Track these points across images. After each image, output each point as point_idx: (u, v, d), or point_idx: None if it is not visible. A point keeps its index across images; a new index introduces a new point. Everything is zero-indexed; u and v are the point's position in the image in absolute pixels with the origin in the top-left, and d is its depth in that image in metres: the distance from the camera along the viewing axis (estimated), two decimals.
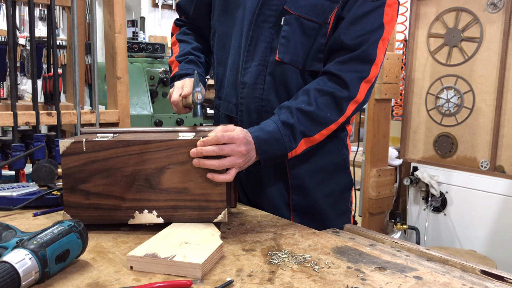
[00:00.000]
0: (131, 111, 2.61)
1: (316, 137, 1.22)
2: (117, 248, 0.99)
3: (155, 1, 6.27)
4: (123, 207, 1.08)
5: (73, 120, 2.07)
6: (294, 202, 1.33)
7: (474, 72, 2.86)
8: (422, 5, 3.09)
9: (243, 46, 1.29)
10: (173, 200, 1.08)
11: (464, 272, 0.98)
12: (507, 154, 2.73)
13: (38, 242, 0.81)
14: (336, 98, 1.20)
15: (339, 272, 0.90)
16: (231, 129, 1.11)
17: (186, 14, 1.53)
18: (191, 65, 1.39)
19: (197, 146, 1.05)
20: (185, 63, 1.40)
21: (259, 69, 1.27)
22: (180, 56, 1.43)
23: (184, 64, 1.39)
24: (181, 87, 1.28)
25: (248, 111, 1.30)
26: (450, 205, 2.97)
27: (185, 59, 1.41)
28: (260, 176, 1.33)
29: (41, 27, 5.62)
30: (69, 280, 0.84)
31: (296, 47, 1.24)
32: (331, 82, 1.21)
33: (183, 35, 1.51)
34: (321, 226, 1.26)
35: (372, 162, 3.03)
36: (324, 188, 1.34)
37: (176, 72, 1.39)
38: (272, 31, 1.25)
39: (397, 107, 3.56)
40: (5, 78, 2.26)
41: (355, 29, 1.20)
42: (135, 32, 4.31)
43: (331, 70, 1.21)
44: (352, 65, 1.20)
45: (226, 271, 0.89)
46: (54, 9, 2.19)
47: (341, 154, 1.37)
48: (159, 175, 1.07)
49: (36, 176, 1.43)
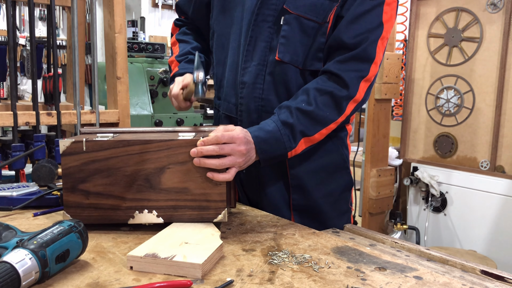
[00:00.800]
0: (131, 111, 2.61)
1: (316, 137, 1.22)
2: (117, 248, 0.99)
3: (155, 1, 6.27)
4: (123, 207, 1.08)
5: (73, 120, 2.07)
6: (295, 201, 1.33)
7: (474, 72, 2.86)
8: (422, 5, 3.09)
9: (242, 45, 1.29)
10: (173, 200, 1.07)
11: (464, 272, 0.98)
12: (507, 154, 2.73)
13: (38, 242, 0.81)
14: (336, 98, 1.20)
15: (339, 272, 0.90)
16: (231, 128, 1.11)
17: (185, 14, 1.53)
18: (191, 64, 1.39)
19: (197, 145, 1.06)
20: (185, 63, 1.40)
21: (258, 68, 1.27)
22: (180, 55, 1.43)
23: (184, 64, 1.40)
24: (181, 81, 1.29)
25: (248, 111, 1.30)
26: (450, 205, 2.97)
27: (185, 59, 1.41)
28: (261, 176, 1.33)
29: (41, 27, 5.63)
30: (69, 280, 0.84)
31: (295, 47, 1.24)
32: (330, 82, 1.21)
33: (183, 35, 1.51)
34: (321, 226, 1.26)
35: (372, 162, 3.03)
36: (324, 187, 1.34)
37: (176, 71, 1.39)
38: (271, 31, 1.25)
39: (397, 107, 3.56)
40: (5, 78, 2.26)
41: (354, 28, 1.20)
42: (135, 32, 4.30)
43: (330, 69, 1.21)
44: (351, 64, 1.20)
45: (226, 271, 0.89)
46: (54, 9, 2.19)
47: (341, 153, 1.37)
48: (159, 175, 1.07)
49: (36, 176, 1.43)
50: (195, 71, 1.19)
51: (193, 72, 1.21)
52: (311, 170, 1.32)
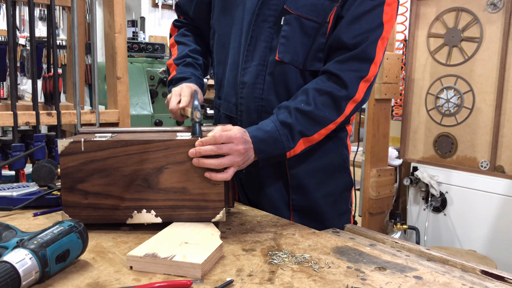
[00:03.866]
0: (131, 111, 2.61)
1: (315, 137, 1.22)
2: (117, 248, 0.99)
3: (155, 1, 6.27)
4: (122, 207, 1.08)
5: (73, 120, 2.07)
6: (294, 202, 1.33)
7: (474, 72, 2.86)
8: (422, 5, 3.09)
9: (242, 45, 1.29)
10: (171, 200, 1.08)
11: (464, 272, 0.98)
12: (507, 154, 2.73)
13: (38, 242, 0.81)
14: (335, 98, 1.20)
15: (339, 272, 0.90)
16: (228, 128, 1.11)
17: (186, 14, 1.52)
18: (189, 68, 1.40)
19: (196, 146, 1.06)
20: (183, 66, 1.40)
21: (258, 69, 1.27)
22: (178, 58, 1.43)
23: (182, 68, 1.39)
24: (178, 94, 1.27)
25: (248, 111, 1.30)
26: (450, 205, 2.97)
27: (183, 62, 1.41)
28: (260, 176, 1.33)
29: (41, 27, 5.62)
30: (69, 280, 0.84)
31: (296, 47, 1.24)
32: (329, 82, 1.21)
33: (182, 36, 1.50)
34: (321, 226, 1.26)
35: (372, 162, 3.03)
36: (324, 188, 1.34)
37: (173, 75, 1.39)
38: (272, 31, 1.25)
39: (397, 107, 3.56)
40: (5, 78, 2.26)
41: (354, 28, 1.20)
42: (135, 32, 4.31)
43: (330, 70, 1.21)
44: (351, 64, 1.20)
45: (226, 271, 0.89)
46: (54, 9, 2.19)
47: (341, 154, 1.37)
48: (157, 175, 1.07)
49: (36, 176, 1.43)
50: (193, 110, 1.16)
51: (192, 110, 1.17)
52: (310, 170, 1.32)
